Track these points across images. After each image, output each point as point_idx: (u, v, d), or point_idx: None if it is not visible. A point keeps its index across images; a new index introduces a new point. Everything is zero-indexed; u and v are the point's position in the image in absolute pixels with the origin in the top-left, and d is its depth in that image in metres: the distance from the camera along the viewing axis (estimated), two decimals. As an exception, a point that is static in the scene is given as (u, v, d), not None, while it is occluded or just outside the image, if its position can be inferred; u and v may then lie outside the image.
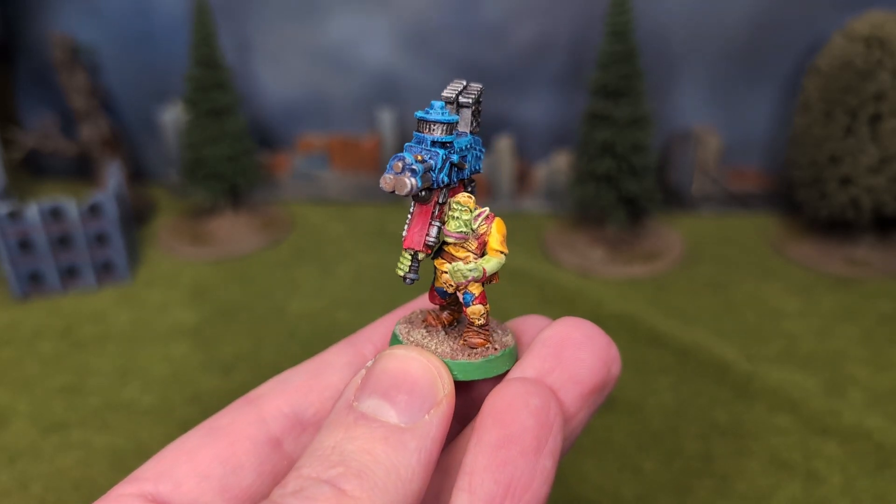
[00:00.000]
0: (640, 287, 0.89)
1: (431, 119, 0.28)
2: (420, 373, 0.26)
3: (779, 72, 1.03)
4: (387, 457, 0.24)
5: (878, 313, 0.82)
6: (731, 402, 0.69)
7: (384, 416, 0.25)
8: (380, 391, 0.26)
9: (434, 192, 0.29)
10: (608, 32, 0.88)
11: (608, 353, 0.29)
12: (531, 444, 0.25)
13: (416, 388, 0.26)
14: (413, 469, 0.24)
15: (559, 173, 1.06)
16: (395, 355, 0.27)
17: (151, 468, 0.29)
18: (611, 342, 0.29)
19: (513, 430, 0.25)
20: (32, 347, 0.82)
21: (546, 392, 0.26)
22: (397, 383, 0.26)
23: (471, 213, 0.29)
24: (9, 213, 0.87)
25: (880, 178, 0.86)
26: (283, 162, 1.16)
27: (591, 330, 0.29)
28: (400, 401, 0.25)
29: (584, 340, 0.29)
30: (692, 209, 1.07)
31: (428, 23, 1.08)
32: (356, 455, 0.24)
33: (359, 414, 0.25)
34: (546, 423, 0.25)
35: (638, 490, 0.60)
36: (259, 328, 0.84)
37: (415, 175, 0.27)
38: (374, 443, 0.24)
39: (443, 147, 0.28)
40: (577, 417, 0.28)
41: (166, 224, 1.09)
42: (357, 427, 0.25)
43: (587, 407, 0.28)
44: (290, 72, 1.14)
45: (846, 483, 0.60)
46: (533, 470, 0.25)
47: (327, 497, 0.22)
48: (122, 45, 1.15)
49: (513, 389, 0.26)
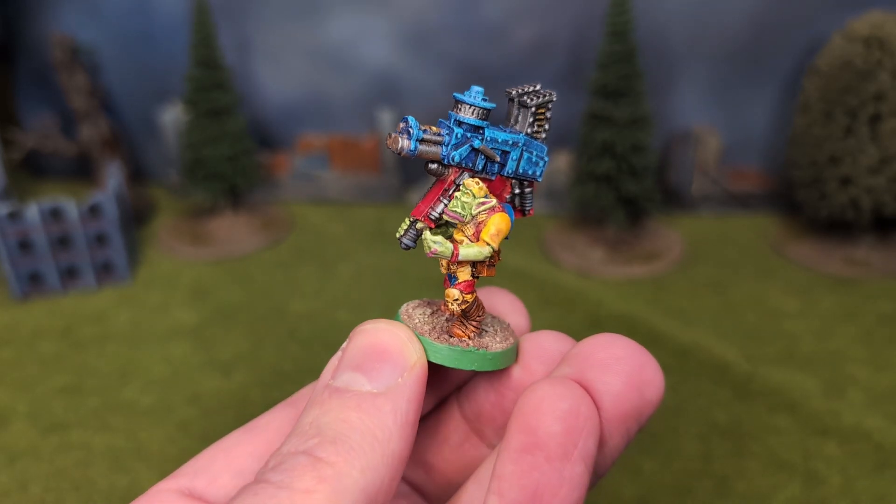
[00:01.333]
0: (640, 287, 0.89)
1: (459, 98, 0.29)
2: (389, 340, 0.27)
3: (779, 72, 1.03)
4: (361, 422, 0.24)
5: (878, 314, 0.82)
6: (731, 402, 0.69)
7: (357, 387, 0.25)
8: (352, 365, 0.26)
9: (451, 170, 0.29)
10: (608, 33, 0.88)
11: (640, 376, 0.26)
12: (556, 451, 0.24)
13: (386, 355, 0.26)
14: (389, 429, 0.25)
15: (559, 173, 1.06)
16: (365, 330, 0.27)
17: (191, 465, 0.30)
18: (646, 362, 0.26)
19: (538, 437, 0.24)
20: (32, 348, 0.82)
21: (576, 394, 0.25)
22: (368, 354, 0.26)
23: (474, 198, 0.29)
24: (9, 213, 0.87)
25: (880, 178, 0.86)
26: (282, 162, 1.16)
27: (623, 349, 0.26)
28: (371, 369, 0.26)
29: (612, 361, 0.26)
30: (692, 209, 1.07)
31: (428, 23, 1.08)
32: (331, 425, 0.24)
33: (333, 389, 0.26)
34: (575, 427, 0.24)
35: (637, 491, 0.60)
36: (259, 328, 0.84)
37: (409, 138, 0.28)
38: (349, 411, 0.25)
39: (461, 126, 0.29)
40: (606, 444, 0.26)
41: (166, 224, 1.09)
42: (332, 401, 0.25)
43: (619, 435, 0.26)
44: (290, 72, 1.14)
45: (846, 483, 0.60)
46: (560, 476, 0.24)
47: (303, 466, 0.23)
48: (122, 45, 1.15)
49: (542, 391, 0.25)
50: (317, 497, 0.22)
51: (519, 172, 0.30)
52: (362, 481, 0.23)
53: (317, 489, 0.22)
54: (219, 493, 0.29)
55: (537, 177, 0.31)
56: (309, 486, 0.22)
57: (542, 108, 0.31)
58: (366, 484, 0.23)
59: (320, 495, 0.22)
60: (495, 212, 0.29)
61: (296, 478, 0.23)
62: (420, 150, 0.28)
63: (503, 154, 0.30)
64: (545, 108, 0.31)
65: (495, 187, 0.30)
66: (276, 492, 0.22)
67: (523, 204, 0.32)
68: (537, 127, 0.31)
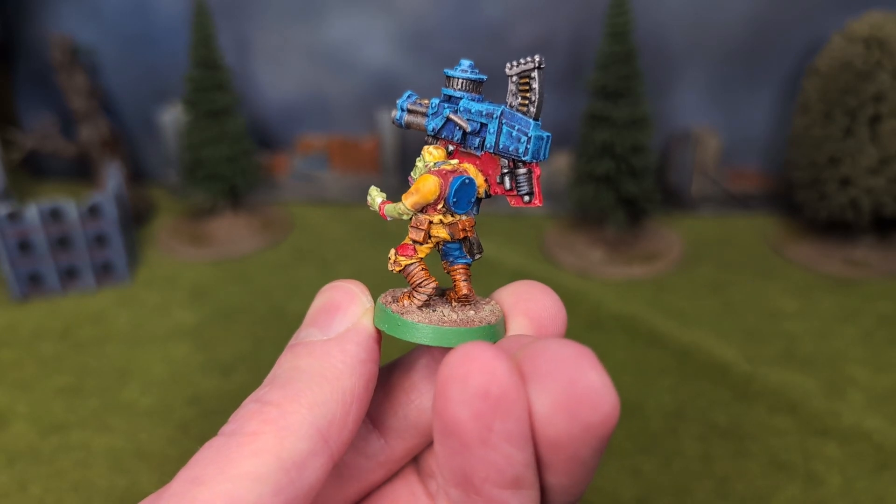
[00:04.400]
0: (640, 288, 0.89)
1: (449, 74, 0.30)
2: (340, 294, 0.28)
3: (778, 72, 1.03)
4: (309, 365, 0.25)
5: (878, 314, 0.82)
6: (731, 403, 0.69)
7: (310, 338, 0.27)
8: (308, 322, 0.28)
9: (439, 142, 0.30)
10: (607, 33, 0.88)
11: (571, 392, 0.21)
12: (471, 436, 0.21)
13: (335, 307, 0.28)
14: (339, 369, 0.25)
15: (558, 174, 1.06)
16: (322, 290, 0.29)
17: None
18: (580, 373, 0.21)
19: (446, 423, 0.22)
20: (32, 348, 0.82)
21: (485, 367, 0.21)
22: (321, 309, 0.28)
23: (423, 162, 0.29)
24: (8, 213, 0.87)
25: (880, 179, 0.86)
26: (282, 163, 1.16)
27: (559, 351, 0.22)
28: (321, 321, 0.27)
29: (543, 369, 0.22)
30: (692, 210, 1.07)
31: (428, 23, 1.08)
32: (282, 373, 0.26)
33: (289, 346, 0.27)
34: (484, 410, 0.21)
35: (637, 491, 0.60)
36: (259, 329, 0.84)
37: (399, 109, 0.30)
38: (299, 359, 0.26)
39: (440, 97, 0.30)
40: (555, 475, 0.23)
41: (166, 225, 1.09)
42: (286, 354, 0.27)
43: (563, 471, 0.23)
44: (289, 72, 1.14)
45: (846, 484, 0.60)
46: (484, 461, 0.22)
47: (251, 412, 0.24)
48: (121, 45, 1.15)
49: (447, 369, 0.22)
50: (263, 438, 0.23)
51: (500, 148, 0.28)
52: (310, 416, 0.24)
53: (262, 430, 0.23)
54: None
55: (520, 154, 0.28)
56: (255, 428, 0.23)
57: (524, 77, 0.28)
58: (314, 419, 0.24)
59: (267, 435, 0.23)
60: (436, 174, 0.28)
61: (244, 423, 0.24)
62: (407, 120, 0.30)
63: (481, 127, 0.28)
64: (527, 78, 0.28)
65: (486, 165, 0.29)
66: (227, 440, 0.23)
67: (517, 187, 0.28)
68: (522, 98, 0.28)
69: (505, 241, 1.01)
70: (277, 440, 0.23)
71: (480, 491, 0.23)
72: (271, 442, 0.23)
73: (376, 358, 0.27)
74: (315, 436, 0.24)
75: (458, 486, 0.23)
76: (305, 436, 0.23)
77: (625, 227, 0.95)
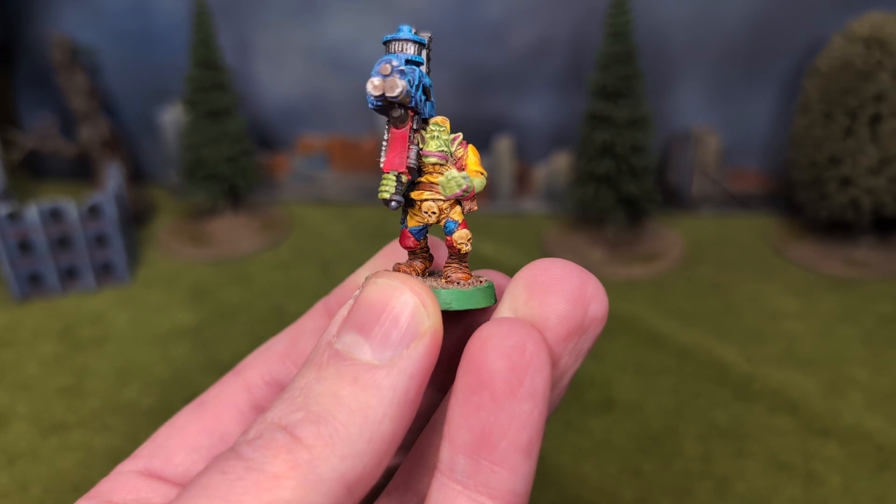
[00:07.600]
0: (640, 288, 0.89)
1: (403, 38, 0.27)
2: (400, 302, 0.24)
3: (778, 73, 1.03)
4: (354, 398, 0.22)
5: (878, 314, 0.82)
6: (731, 403, 0.69)
7: (358, 354, 0.23)
8: (357, 325, 0.24)
9: (410, 114, 0.27)
10: (608, 33, 0.88)
11: (581, 291, 0.25)
12: (502, 388, 0.23)
13: (394, 320, 0.24)
14: (384, 410, 0.23)
15: (559, 174, 1.06)
16: (377, 284, 0.25)
17: (148, 445, 0.31)
18: (587, 279, 0.25)
19: (482, 375, 0.23)
20: (32, 349, 0.82)
21: (523, 330, 0.24)
22: (375, 316, 0.24)
23: (449, 134, 0.28)
24: (8, 214, 0.87)
25: (880, 179, 0.86)
26: (282, 163, 1.16)
27: (562, 269, 0.25)
28: (375, 335, 0.24)
29: (552, 282, 0.25)
30: (692, 210, 1.07)
31: (428, 23, 1.08)
32: (321, 398, 0.23)
33: (333, 352, 0.24)
34: (520, 364, 0.23)
35: (637, 492, 0.60)
36: (259, 329, 0.84)
37: (404, 76, 0.25)
38: (342, 384, 0.23)
39: (417, 66, 0.27)
40: (557, 365, 0.26)
41: (166, 225, 1.09)
42: (329, 367, 0.23)
43: (568, 354, 0.26)
44: (289, 72, 1.14)
45: (846, 484, 0.60)
46: (508, 415, 0.23)
47: (279, 445, 0.21)
48: (122, 45, 1.15)
49: (487, 331, 0.24)
50: (286, 485, 0.21)
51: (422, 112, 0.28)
52: (341, 468, 0.22)
53: (287, 476, 0.21)
54: (176, 471, 0.29)
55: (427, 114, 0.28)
56: (280, 471, 0.21)
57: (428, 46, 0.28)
58: (344, 470, 0.22)
59: (291, 482, 0.21)
60: (465, 145, 0.28)
61: (268, 459, 0.21)
62: None
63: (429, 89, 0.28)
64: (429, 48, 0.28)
65: None
66: (245, 473, 0.21)
67: None
68: (427, 64, 0.28)
69: (505, 240, 1.01)
70: (301, 493, 0.21)
71: (495, 449, 0.23)
72: (294, 494, 0.21)
73: (423, 390, 0.24)
74: (341, 491, 0.22)
75: (470, 451, 0.23)
76: (331, 491, 0.22)
77: (625, 227, 0.95)
